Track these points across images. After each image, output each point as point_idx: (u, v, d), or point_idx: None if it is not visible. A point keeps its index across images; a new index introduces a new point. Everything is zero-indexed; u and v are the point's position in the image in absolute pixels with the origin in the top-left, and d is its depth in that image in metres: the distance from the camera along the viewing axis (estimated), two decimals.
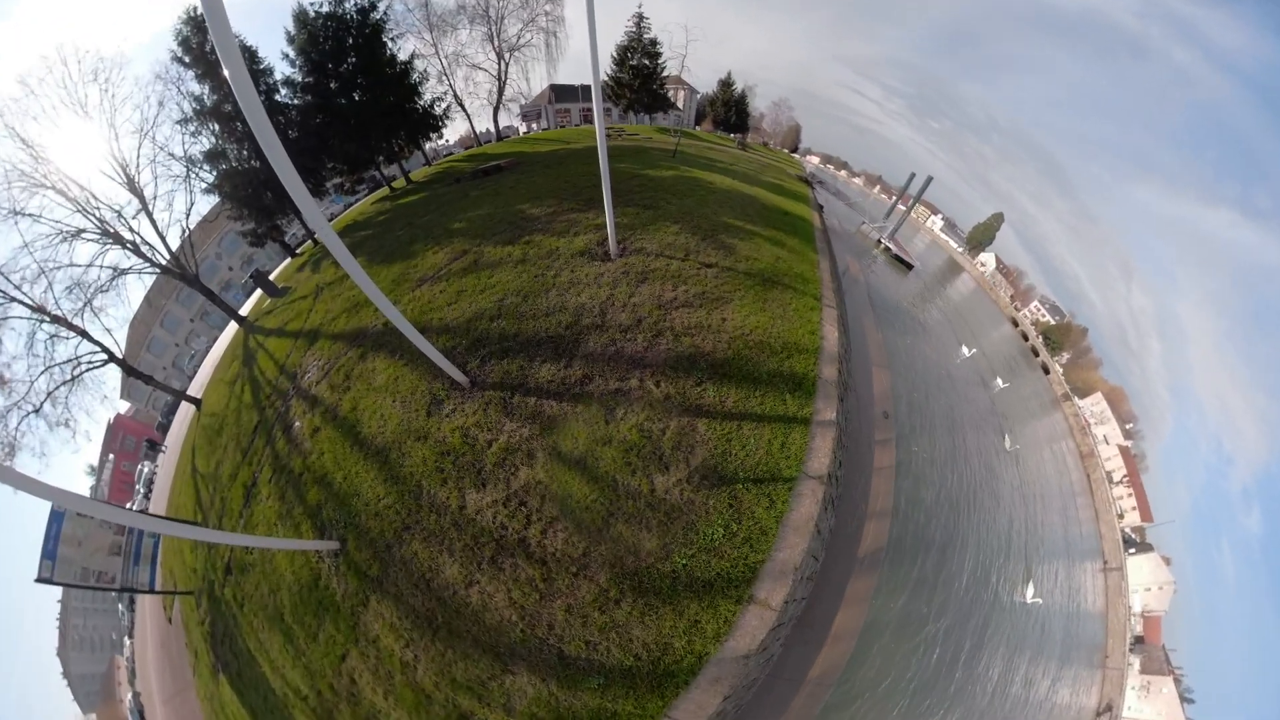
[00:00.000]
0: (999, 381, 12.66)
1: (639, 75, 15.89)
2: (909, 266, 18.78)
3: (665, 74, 17.17)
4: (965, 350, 11.02)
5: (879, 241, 18.53)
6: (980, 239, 67.79)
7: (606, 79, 17.29)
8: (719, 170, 8.72)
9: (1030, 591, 7.21)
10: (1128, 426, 28.02)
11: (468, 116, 12.27)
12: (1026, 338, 39.58)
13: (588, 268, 3.19)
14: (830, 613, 2.97)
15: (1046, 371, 31.97)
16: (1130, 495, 20.92)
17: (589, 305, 2.76)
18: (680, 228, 4.12)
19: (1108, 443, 23.15)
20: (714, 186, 6.63)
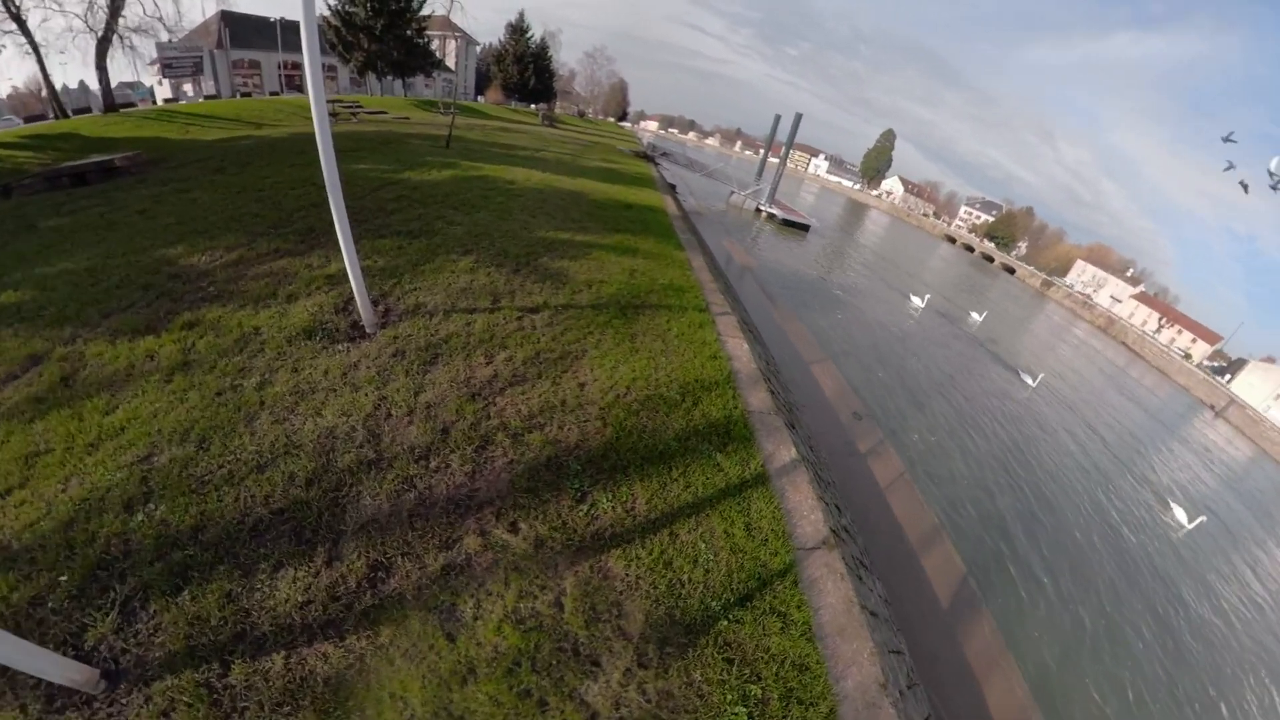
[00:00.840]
0: (974, 316, 17.11)
1: (382, 11, 13.05)
2: (804, 228, 25.64)
3: (426, 13, 14.10)
4: (916, 300, 14.79)
5: (759, 210, 21.63)
6: (875, 166, 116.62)
7: (327, 16, 13.29)
8: (521, 161, 9.29)
9: (1182, 515, 8.54)
10: (1129, 274, 51.68)
11: (36, 52, 8.31)
12: (971, 248, 74.62)
13: (324, 359, 2.82)
14: (971, 697, 3.17)
15: (1012, 271, 62.40)
16: (1180, 331, 35.13)
17: (343, 430, 2.41)
18: (477, 259, 4.07)
19: (1119, 301, 39.65)
20: (517, 187, 6.93)
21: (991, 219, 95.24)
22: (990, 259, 76.94)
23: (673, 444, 2.88)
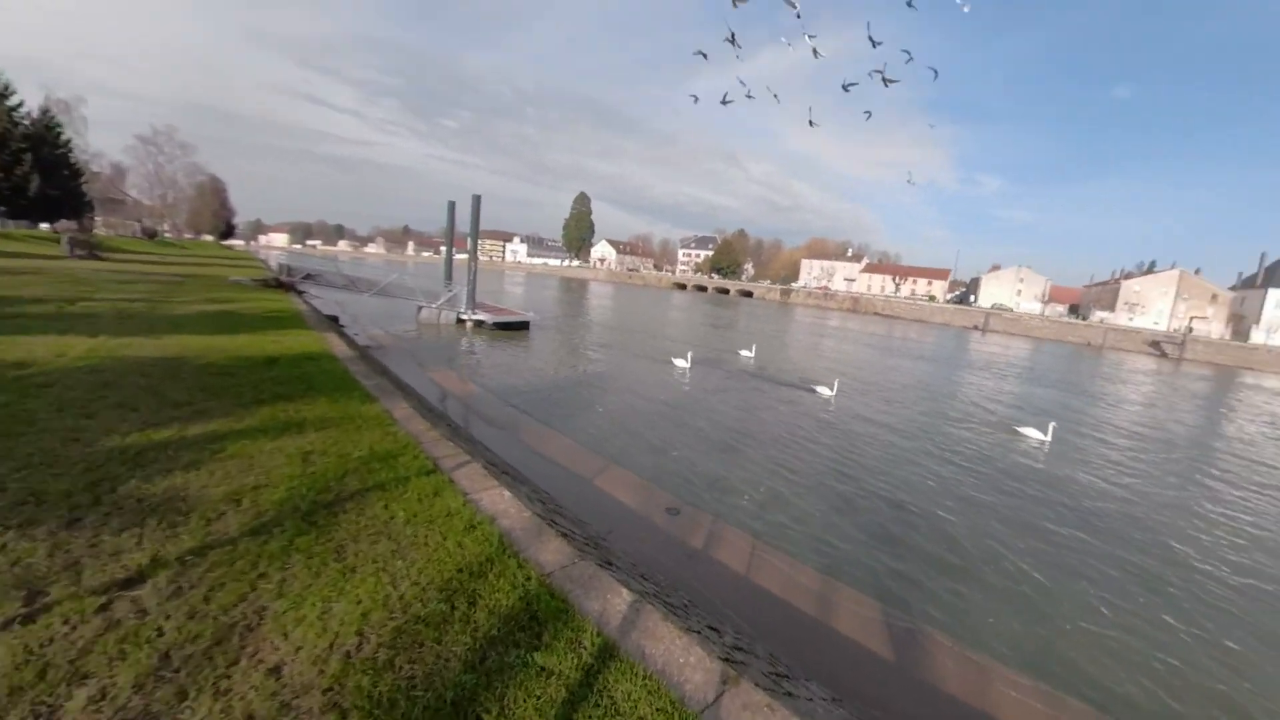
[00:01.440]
0: (745, 353, 22.95)
1: None
2: (523, 326, 30.25)
3: None
4: (680, 362, 18.82)
5: (462, 320, 27.39)
6: (579, 235, 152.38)
7: None
8: (40, 324, 8.37)
9: (1034, 432, 13.87)
10: (849, 254, 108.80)
11: None
12: (704, 288, 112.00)
13: None
14: None
15: (750, 294, 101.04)
16: (915, 281, 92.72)
17: None
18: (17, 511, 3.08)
19: (853, 280, 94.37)
20: (39, 370, 6.09)
21: (710, 253, 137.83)
22: (726, 291, 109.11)
23: (468, 678, 2.64)
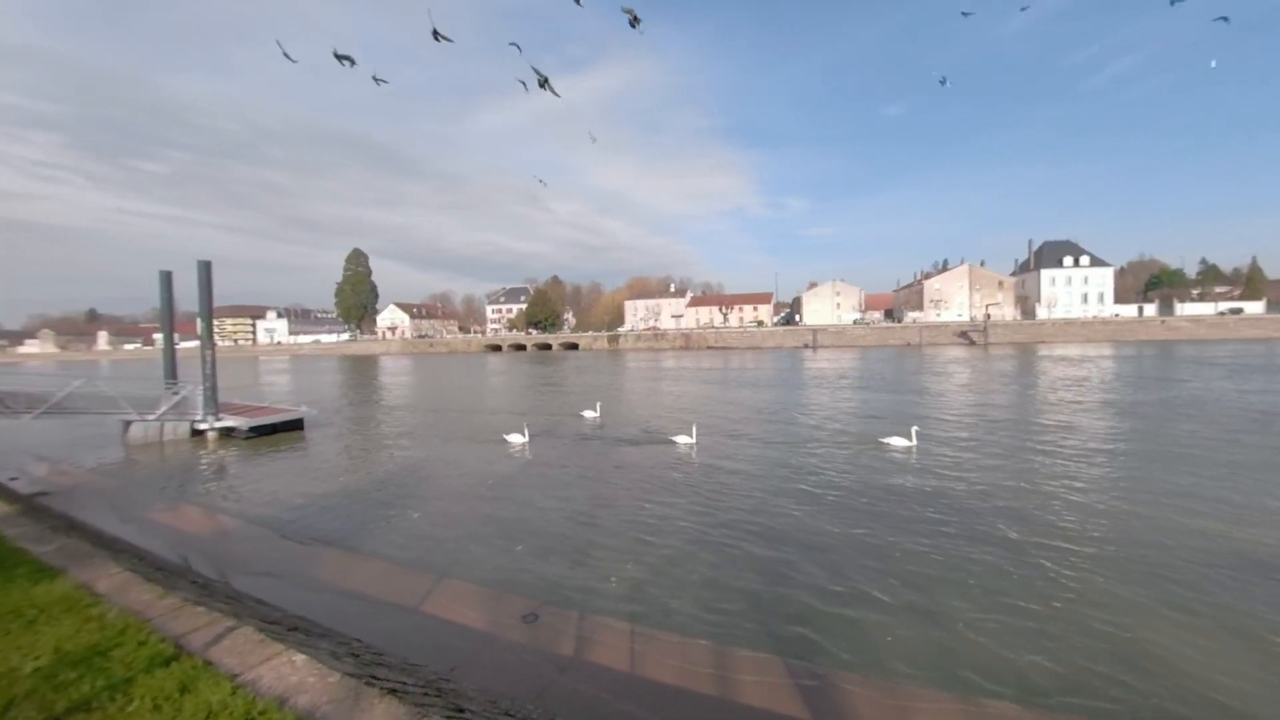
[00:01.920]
0: (589, 414, 23.09)
1: None
2: (295, 425, 25.45)
3: None
4: (515, 438, 18.20)
5: (198, 430, 20.70)
6: (359, 302, 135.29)
7: None
8: None
9: (900, 440, 16.08)
10: (672, 289, 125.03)
11: None
12: (523, 346, 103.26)
13: None
14: None
15: (576, 346, 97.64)
16: (742, 309, 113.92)
17: None
18: None
19: (680, 316, 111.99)
20: None
21: (524, 306, 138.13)
22: (548, 346, 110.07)
23: None
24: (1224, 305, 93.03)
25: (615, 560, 9.06)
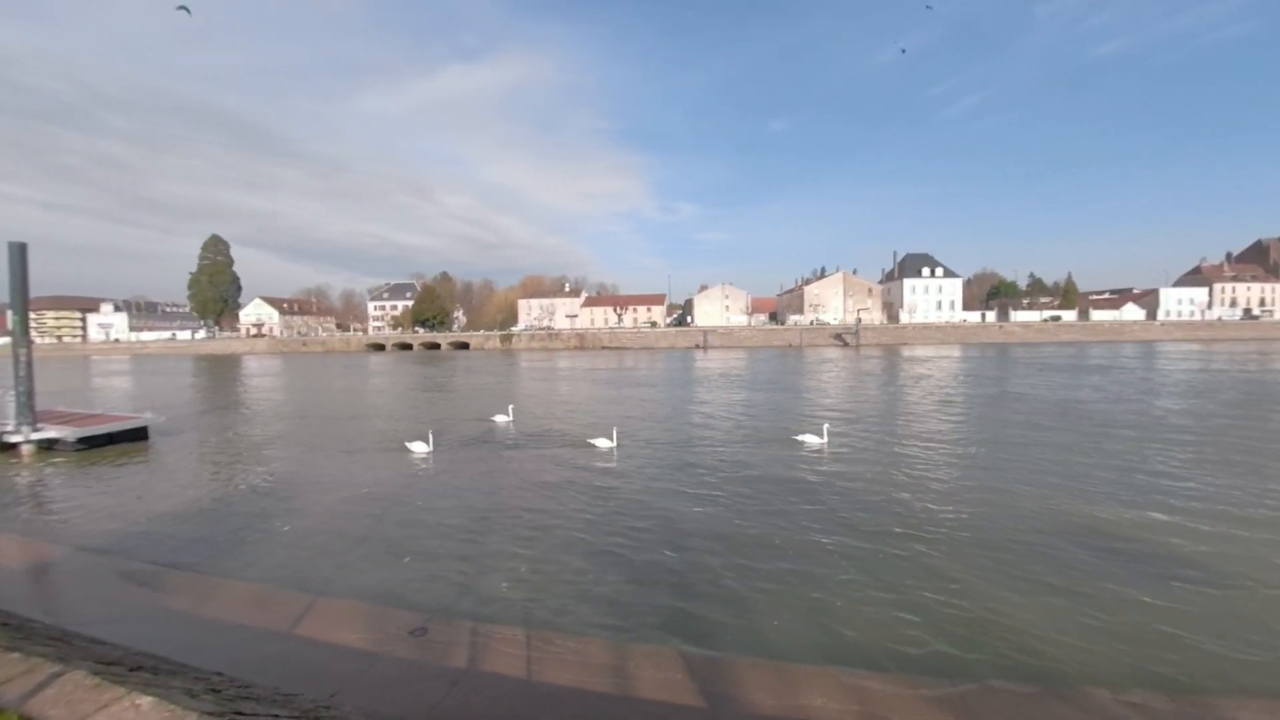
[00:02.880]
0: (501, 418, 22.01)
1: None
2: (137, 435, 21.97)
3: None
4: (418, 446, 16.83)
5: (8, 444, 17.55)
6: (218, 295, 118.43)
7: None
8: None
9: (812, 438, 16.85)
10: (567, 289, 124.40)
11: None
12: (409, 345, 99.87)
13: None
14: None
15: (466, 346, 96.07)
16: (636, 309, 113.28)
17: None
18: None
19: (575, 316, 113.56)
20: None
21: (410, 303, 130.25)
22: (436, 346, 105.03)
23: None
24: (1047, 313, 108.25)
25: (513, 565, 8.87)
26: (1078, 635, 6.63)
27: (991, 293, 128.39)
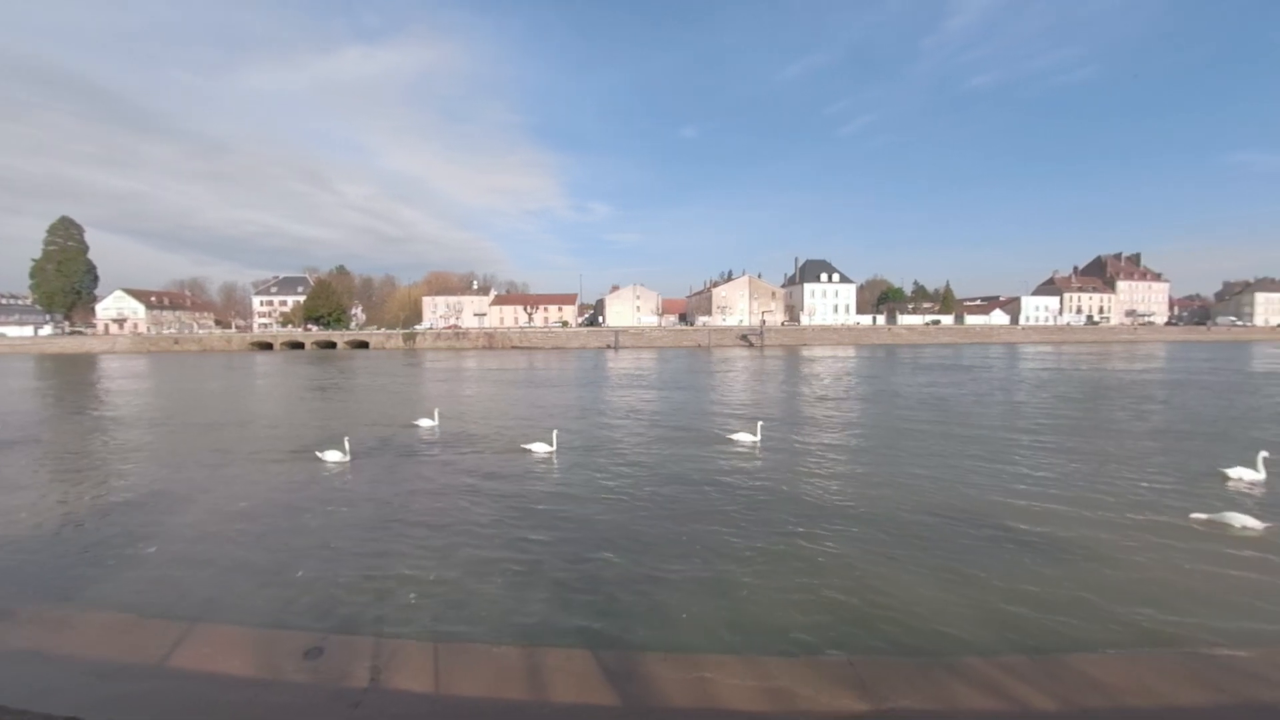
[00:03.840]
0: (426, 422, 20.29)
1: None
2: None
3: None
4: (331, 455, 15.16)
5: None
6: (70, 285, 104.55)
7: None
8: None
9: (745, 436, 17.29)
10: (475, 287, 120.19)
11: None
12: (301, 345, 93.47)
13: None
14: None
15: (366, 345, 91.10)
16: (546, 308, 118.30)
17: None
18: None
19: (483, 314, 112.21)
20: None
21: (302, 298, 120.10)
22: (332, 345, 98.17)
23: None
24: (928, 318, 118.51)
25: (423, 576, 8.48)
26: (956, 608, 7.28)
27: (881, 298, 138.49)
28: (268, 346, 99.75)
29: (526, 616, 7.27)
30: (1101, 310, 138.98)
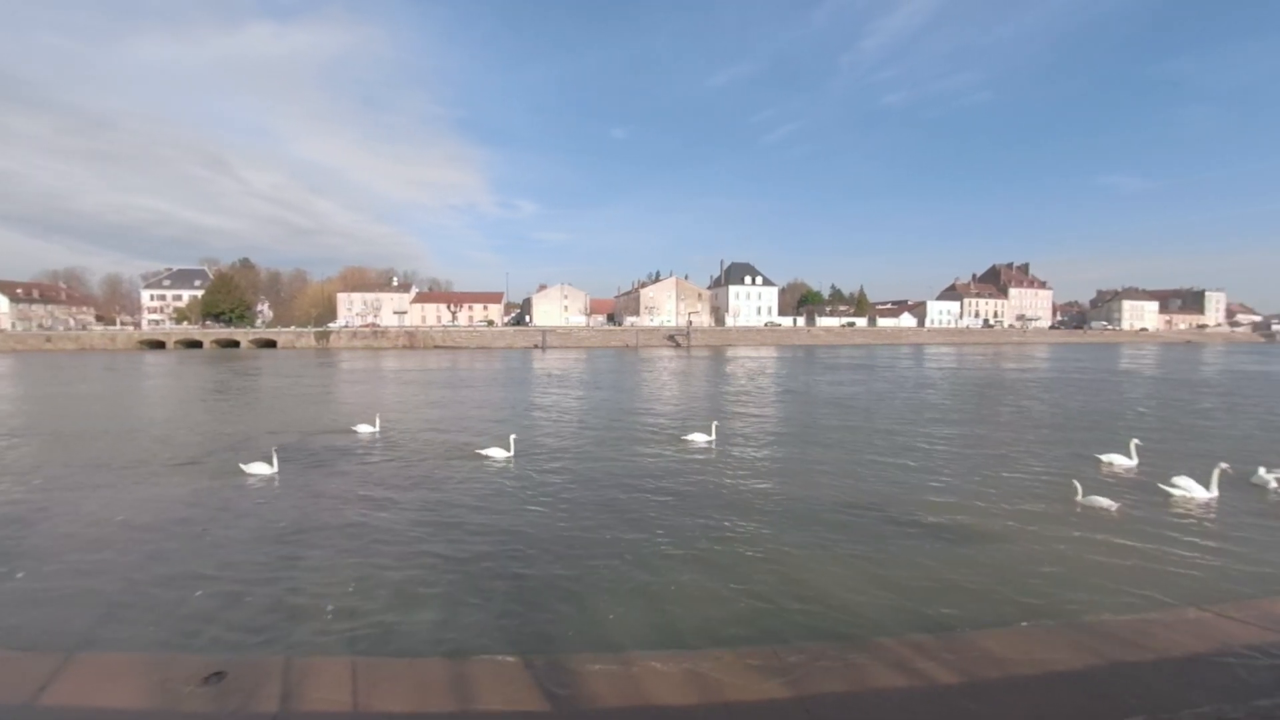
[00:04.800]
0: (365, 428, 18.69)
1: None
2: None
3: None
4: (256, 468, 13.74)
5: None
6: None
7: None
8: None
9: (699, 436, 17.34)
10: (395, 283, 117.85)
11: None
12: (198, 343, 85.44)
13: None
14: None
15: (274, 344, 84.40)
16: (471, 307, 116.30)
17: None
18: None
19: (404, 312, 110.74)
20: None
21: (200, 293, 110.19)
22: (234, 343, 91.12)
23: None
24: (844, 320, 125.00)
25: (339, 589, 8.03)
26: (870, 593, 7.71)
27: (801, 300, 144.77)
28: (159, 345, 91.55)
29: (453, 628, 7.05)
30: (996, 314, 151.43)
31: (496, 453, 15.66)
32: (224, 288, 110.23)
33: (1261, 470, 12.08)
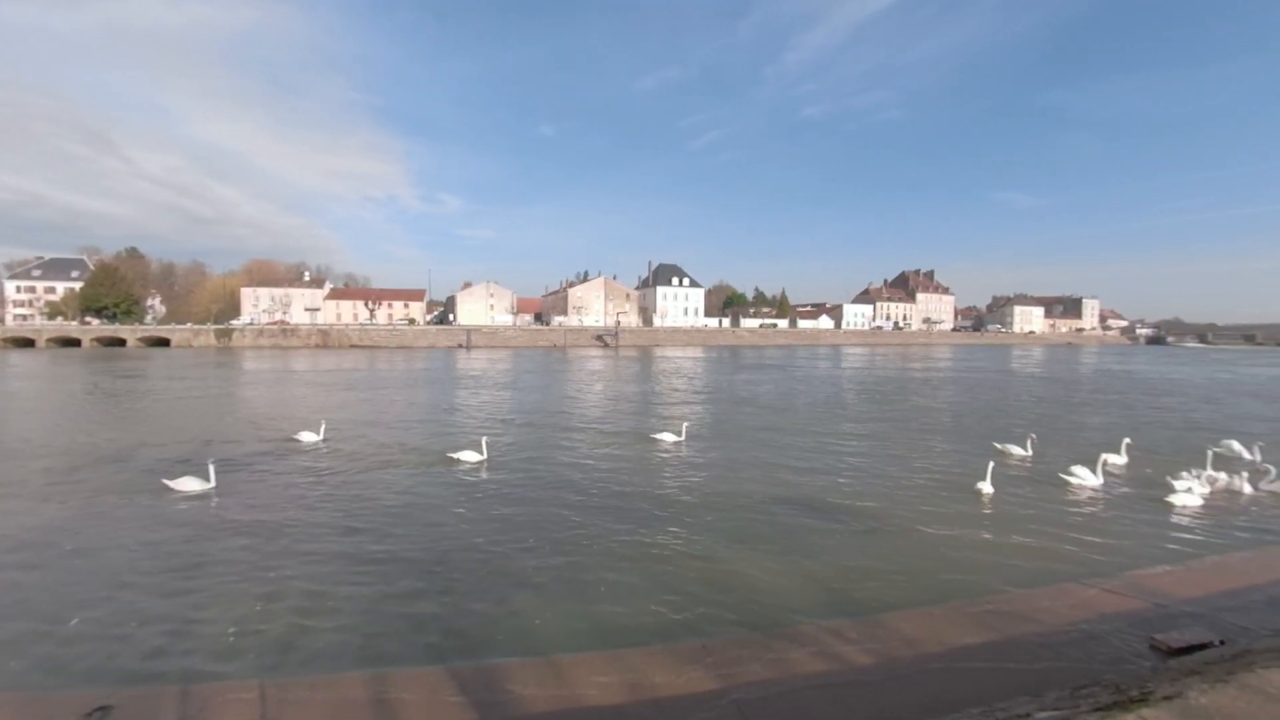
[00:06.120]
0: (308, 435, 17.07)
1: None
2: None
3: None
4: (186, 484, 12.35)
5: None
6: None
7: None
8: None
9: (668, 435, 17.51)
10: (307, 278, 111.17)
11: None
12: (76, 341, 77.89)
13: None
14: None
15: (167, 342, 77.53)
16: (391, 304, 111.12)
17: None
18: None
19: (317, 309, 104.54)
20: None
21: (77, 284, 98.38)
22: (120, 342, 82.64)
23: None
24: (767, 321, 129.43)
25: (244, 609, 7.44)
26: (793, 582, 8.01)
27: (726, 302, 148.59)
28: (28, 343, 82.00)
29: (372, 640, 6.71)
30: (905, 317, 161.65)
31: (469, 455, 15.13)
32: (107, 280, 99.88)
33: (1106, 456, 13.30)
